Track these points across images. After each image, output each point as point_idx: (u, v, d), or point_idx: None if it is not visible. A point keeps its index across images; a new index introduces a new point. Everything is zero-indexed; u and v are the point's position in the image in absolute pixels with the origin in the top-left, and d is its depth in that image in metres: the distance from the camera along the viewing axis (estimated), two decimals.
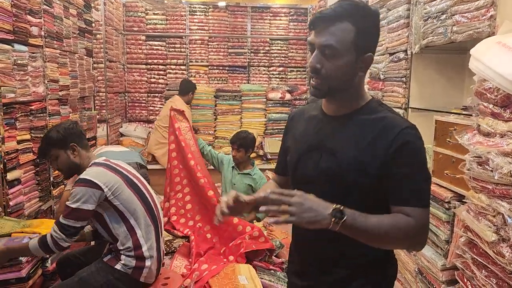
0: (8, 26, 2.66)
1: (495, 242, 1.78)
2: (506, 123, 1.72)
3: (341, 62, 1.12)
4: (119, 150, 3.33)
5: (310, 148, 1.24)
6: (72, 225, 1.98)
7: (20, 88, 2.84)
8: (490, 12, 2.01)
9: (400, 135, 1.12)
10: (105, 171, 2.10)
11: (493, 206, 1.79)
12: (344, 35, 1.11)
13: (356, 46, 1.13)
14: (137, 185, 2.22)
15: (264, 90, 6.19)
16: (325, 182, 1.19)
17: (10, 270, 2.03)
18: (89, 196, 1.98)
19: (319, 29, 1.13)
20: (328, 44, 1.11)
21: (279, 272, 3.04)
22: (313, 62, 1.13)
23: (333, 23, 1.11)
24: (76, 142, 2.17)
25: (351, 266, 1.23)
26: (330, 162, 1.17)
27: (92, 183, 2.00)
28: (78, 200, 1.97)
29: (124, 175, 2.17)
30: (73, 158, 2.17)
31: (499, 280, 1.78)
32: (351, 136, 1.17)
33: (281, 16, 6.50)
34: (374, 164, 1.13)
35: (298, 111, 1.40)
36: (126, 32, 6.24)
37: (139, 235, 2.11)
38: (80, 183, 2.01)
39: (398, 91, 3.10)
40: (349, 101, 1.21)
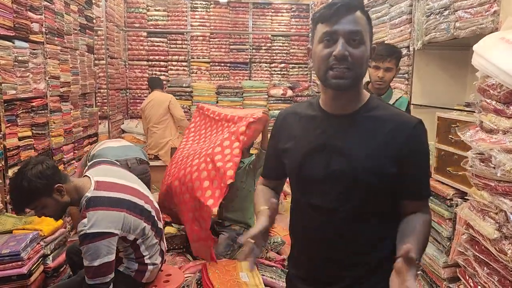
0: (8, 23, 2.66)
1: (497, 240, 1.77)
2: (509, 119, 1.70)
3: (364, 49, 1.11)
4: (119, 145, 3.27)
5: (316, 149, 1.19)
6: (103, 282, 1.86)
7: (21, 85, 2.84)
8: (493, 7, 2.00)
9: (413, 132, 1.14)
10: (108, 213, 1.89)
11: (496, 203, 1.78)
12: (363, 23, 1.12)
13: (369, 35, 1.14)
14: (137, 204, 2.07)
15: (266, 87, 6.18)
16: (335, 183, 1.16)
17: (11, 267, 2.03)
18: (107, 247, 1.84)
19: (340, 18, 1.10)
20: (356, 30, 1.10)
21: (280, 269, 3.05)
22: (342, 50, 1.08)
23: (353, 12, 1.11)
24: (59, 181, 1.91)
25: (363, 267, 1.21)
26: (341, 162, 1.14)
27: (104, 234, 1.84)
28: (98, 256, 1.82)
29: (125, 202, 1.99)
30: (62, 199, 1.93)
31: (501, 278, 1.78)
32: (361, 135, 1.15)
33: (283, 13, 6.48)
34: (388, 164, 1.12)
35: (290, 111, 1.33)
36: (127, 28, 6.23)
37: (142, 250, 2.08)
38: (91, 239, 1.82)
39: (400, 87, 3.09)
40: (355, 98, 1.19)
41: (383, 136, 1.13)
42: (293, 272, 1.35)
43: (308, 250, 1.27)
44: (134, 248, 2.07)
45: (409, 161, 1.14)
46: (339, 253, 1.20)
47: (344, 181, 1.14)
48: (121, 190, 2.04)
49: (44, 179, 1.85)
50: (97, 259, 1.82)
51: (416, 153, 1.15)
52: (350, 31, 1.09)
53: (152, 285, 2.16)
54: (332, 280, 1.22)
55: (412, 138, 1.14)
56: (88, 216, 1.84)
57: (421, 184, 1.19)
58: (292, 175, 1.26)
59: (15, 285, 2.05)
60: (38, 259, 2.21)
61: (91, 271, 1.83)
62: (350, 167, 1.13)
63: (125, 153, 3.14)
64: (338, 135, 1.17)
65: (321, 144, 1.18)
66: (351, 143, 1.14)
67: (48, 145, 3.28)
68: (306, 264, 1.28)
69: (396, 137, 1.12)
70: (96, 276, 1.84)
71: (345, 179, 1.13)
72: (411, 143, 1.13)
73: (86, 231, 1.81)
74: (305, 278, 1.28)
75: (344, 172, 1.13)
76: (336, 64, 1.09)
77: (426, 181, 1.20)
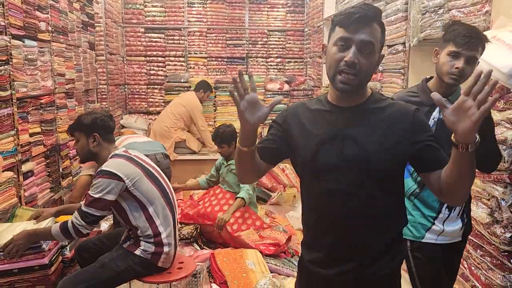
0: (19, 22, 2.74)
1: (489, 223, 1.91)
2: (500, 112, 1.84)
3: (373, 59, 1.25)
4: (144, 140, 3.46)
5: (329, 138, 1.29)
6: (94, 214, 2.07)
7: (31, 83, 2.92)
8: (485, 7, 2.12)
9: (414, 116, 1.27)
10: (126, 162, 2.18)
11: (488, 190, 1.92)
12: (377, 35, 1.24)
13: (380, 45, 1.27)
14: (156, 176, 2.30)
15: (263, 81, 6.27)
16: (348, 168, 1.26)
17: (34, 257, 2.13)
18: (112, 187, 2.07)
19: (357, 27, 1.21)
20: (369, 41, 1.21)
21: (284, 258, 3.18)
22: (353, 57, 1.20)
23: (369, 23, 1.22)
24: (99, 133, 2.23)
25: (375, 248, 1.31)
26: (355, 149, 1.26)
27: (114, 175, 2.09)
28: (101, 190, 2.06)
29: (143, 166, 2.25)
30: (92, 146, 2.24)
31: (493, 258, 1.92)
32: (370, 124, 1.27)
33: (279, 8, 6.57)
34: (399, 147, 1.25)
35: (300, 104, 1.43)
36: (125, 24, 6.28)
37: (158, 224, 2.21)
38: (102, 174, 2.09)
39: (397, 82, 3.21)
40: (360, 94, 1.32)
41: (389, 122, 1.27)
42: (307, 258, 1.41)
43: (323, 235, 1.34)
44: (148, 218, 2.19)
45: (422, 145, 1.25)
46: (354, 235, 1.30)
47: (358, 166, 1.25)
48: (144, 161, 2.32)
49: (92, 122, 2.23)
50: (99, 193, 2.07)
51: (423, 132, 1.27)
52: (363, 41, 1.21)
53: (167, 271, 2.28)
54: (345, 261, 1.31)
55: (415, 120, 1.27)
56: (110, 160, 2.18)
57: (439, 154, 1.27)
58: (306, 164, 1.33)
59: (38, 274, 2.15)
60: (57, 250, 2.32)
61: (90, 199, 2.08)
62: (363, 153, 1.25)
63: (154, 148, 3.33)
64: (349, 124, 1.29)
65: (332, 133, 1.29)
66: (361, 131, 1.27)
67: (56, 141, 3.37)
68: (320, 248, 1.36)
69: (401, 122, 1.27)
70: (91, 206, 2.08)
71: (359, 164, 1.25)
72: (415, 124, 1.27)
73: (102, 168, 2.13)
74: (319, 262, 1.36)
75: (358, 157, 1.25)
76: (346, 69, 1.22)
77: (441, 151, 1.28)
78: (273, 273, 2.81)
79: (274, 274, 2.83)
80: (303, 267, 1.45)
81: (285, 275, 2.89)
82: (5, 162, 2.53)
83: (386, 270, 1.33)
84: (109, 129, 2.30)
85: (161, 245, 2.21)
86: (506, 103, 1.80)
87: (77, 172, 3.85)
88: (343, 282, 1.33)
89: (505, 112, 1.79)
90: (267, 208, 4.30)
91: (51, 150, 3.28)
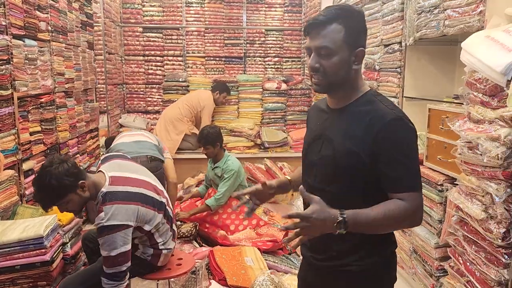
0: (20, 22, 2.76)
1: (484, 220, 1.95)
2: (494, 111, 1.87)
3: (336, 59, 1.28)
4: (131, 140, 3.28)
5: (315, 138, 1.42)
6: (120, 270, 1.99)
7: (31, 82, 2.95)
8: (479, 7, 2.16)
9: (384, 127, 1.24)
10: (124, 206, 2.02)
11: (482, 187, 1.95)
12: (335, 35, 1.27)
13: (347, 44, 1.29)
14: (149, 196, 2.19)
15: (260, 80, 6.29)
16: (324, 166, 1.37)
17: (36, 254, 2.16)
18: (123, 238, 1.98)
19: (313, 34, 1.29)
20: (322, 45, 1.27)
21: (282, 255, 3.22)
22: (312, 63, 1.29)
23: (324, 26, 1.27)
24: (82, 178, 2.03)
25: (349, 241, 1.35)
26: (328, 149, 1.35)
27: (120, 226, 1.98)
28: (116, 247, 1.96)
29: (138, 196, 2.12)
30: (84, 194, 2.04)
31: (488, 254, 1.96)
32: (344, 126, 1.32)
33: (276, 7, 6.60)
34: (364, 152, 1.27)
35: (314, 105, 1.57)
36: (123, 24, 6.30)
37: (156, 237, 2.23)
38: (109, 231, 1.95)
39: (393, 81, 3.25)
40: (348, 94, 1.36)
41: (361, 128, 1.28)
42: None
43: None
44: (149, 236, 2.22)
45: (382, 154, 1.24)
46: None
47: (329, 164, 1.34)
48: (134, 184, 2.17)
49: (71, 177, 1.97)
50: (114, 250, 1.95)
51: (387, 146, 1.24)
52: (317, 46, 1.29)
53: (166, 268, 2.31)
54: (324, 249, 1.42)
55: (382, 132, 1.24)
56: (105, 210, 1.97)
57: (398, 177, 1.24)
58: (302, 159, 1.50)
59: (39, 271, 2.17)
60: (58, 247, 2.34)
61: (109, 260, 1.97)
62: (333, 153, 1.33)
63: (137, 150, 3.17)
64: (331, 125, 1.38)
65: (318, 133, 1.41)
66: (336, 132, 1.34)
67: (55, 140, 3.40)
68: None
69: (370, 129, 1.26)
70: (114, 265, 1.98)
71: (330, 163, 1.34)
72: (381, 137, 1.24)
73: (104, 224, 1.95)
74: (308, 246, 1.50)
75: (329, 157, 1.34)
76: (313, 73, 1.32)
77: (405, 174, 1.24)
78: (271, 270, 2.84)
79: (273, 271, 2.86)
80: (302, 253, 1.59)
81: (283, 272, 2.93)
82: (6, 160, 2.56)
83: (359, 267, 1.37)
84: (79, 167, 2.11)
85: (160, 249, 2.25)
86: (499, 101, 1.83)
87: None
88: (322, 267, 1.44)
89: (498, 110, 1.82)
90: (265, 206, 4.32)
91: (51, 149, 3.31)
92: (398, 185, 1.24)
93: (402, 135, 1.26)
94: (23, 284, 2.16)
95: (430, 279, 2.61)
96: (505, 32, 1.88)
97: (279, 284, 2.58)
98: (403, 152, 1.25)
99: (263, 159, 4.97)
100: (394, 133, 1.25)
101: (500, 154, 1.76)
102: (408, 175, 1.25)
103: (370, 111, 1.30)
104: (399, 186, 1.24)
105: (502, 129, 1.79)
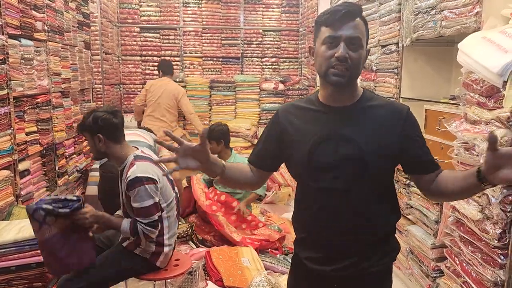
0: (16, 22, 2.75)
1: (480, 220, 1.95)
2: (490, 111, 1.88)
3: (362, 53, 1.29)
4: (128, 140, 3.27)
5: (323, 138, 1.31)
6: (153, 219, 2.10)
7: (27, 82, 2.94)
8: (476, 8, 2.16)
9: (407, 116, 1.32)
10: (154, 166, 2.16)
11: None
12: (362, 30, 1.29)
13: (366, 39, 1.32)
14: (171, 179, 2.34)
15: (258, 81, 6.30)
16: (345, 166, 1.29)
17: (31, 255, 2.14)
18: (154, 190, 2.10)
19: (343, 24, 1.25)
20: (355, 36, 1.26)
21: (278, 255, 3.22)
22: (343, 52, 1.24)
23: (353, 18, 1.27)
24: (103, 133, 2.17)
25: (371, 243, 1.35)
26: (350, 149, 1.29)
27: (151, 180, 2.10)
28: (149, 197, 2.08)
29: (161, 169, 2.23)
30: (99, 146, 2.19)
31: (484, 255, 1.96)
32: (363, 123, 1.31)
33: (274, 8, 6.60)
34: (391, 144, 1.29)
35: (290, 105, 1.44)
36: (120, 24, 6.28)
37: (165, 226, 2.24)
38: (141, 182, 2.07)
39: (390, 82, 3.25)
40: (352, 93, 1.35)
41: (382, 121, 1.31)
42: (303, 255, 1.43)
43: (320, 232, 1.37)
44: (160, 221, 2.20)
45: (411, 141, 1.32)
46: (349, 233, 1.33)
47: (353, 164, 1.28)
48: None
49: (93, 123, 2.17)
50: (145, 201, 2.07)
51: (414, 135, 1.33)
52: (350, 36, 1.25)
53: (163, 269, 2.30)
54: (340, 258, 1.34)
55: (407, 121, 1.32)
56: (137, 164, 2.12)
57: (430, 159, 1.35)
58: (302, 164, 1.35)
59: (35, 272, 2.16)
60: None
61: (141, 212, 2.08)
62: (358, 151, 1.28)
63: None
64: (343, 124, 1.31)
65: (327, 133, 1.31)
66: (355, 130, 1.30)
67: (52, 140, 3.38)
68: (316, 246, 1.38)
69: (393, 120, 1.31)
70: (147, 215, 2.09)
71: (355, 163, 1.28)
72: (407, 128, 1.31)
73: (137, 175, 2.08)
74: (315, 259, 1.38)
75: (353, 156, 1.28)
76: (338, 64, 1.25)
77: (431, 155, 1.36)
78: (268, 271, 2.84)
79: (269, 271, 2.87)
80: (298, 264, 1.46)
81: (280, 273, 2.92)
82: (2, 161, 2.55)
83: (380, 267, 1.37)
84: (113, 128, 2.20)
85: (162, 245, 2.24)
86: (496, 102, 1.84)
87: (73, 171, 3.87)
88: (338, 277, 1.36)
89: (495, 111, 1.82)
90: (262, 207, 4.33)
91: (47, 149, 3.29)
92: (433, 165, 1.35)
93: (418, 123, 1.38)
94: (19, 285, 2.15)
95: (427, 280, 2.61)
96: (501, 33, 1.89)
97: (276, 285, 2.58)
98: (423, 137, 1.37)
99: None
100: (414, 122, 1.35)
101: None
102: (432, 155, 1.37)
103: (382, 105, 1.34)
104: (434, 165, 1.35)
105: (498, 130, 1.79)
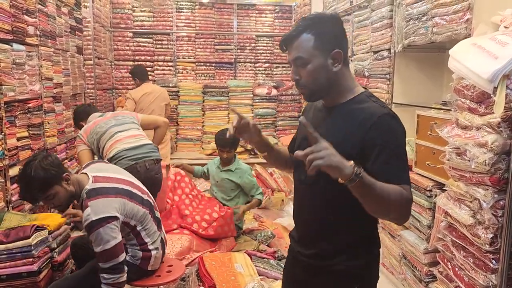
0: (7, 26, 2.73)
1: (472, 225, 1.96)
2: (481, 117, 1.89)
3: (311, 67, 1.32)
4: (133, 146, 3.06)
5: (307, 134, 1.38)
6: (117, 262, 1.98)
7: (19, 87, 2.91)
8: (466, 15, 2.19)
9: (377, 121, 1.26)
10: (108, 200, 2.04)
11: (470, 193, 1.97)
12: (306, 45, 1.31)
13: (319, 50, 1.31)
14: (134, 192, 2.21)
15: (251, 86, 6.32)
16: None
17: (23, 263, 2.12)
18: (113, 229, 1.98)
19: (288, 48, 1.36)
20: (296, 56, 1.33)
21: (272, 260, 3.21)
22: (293, 75, 1.36)
23: (294, 39, 1.33)
24: (67, 171, 2.08)
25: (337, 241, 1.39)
26: None
27: (108, 218, 1.97)
28: (108, 240, 1.95)
29: (122, 191, 2.14)
30: (69, 188, 2.07)
31: (476, 259, 1.97)
32: (335, 124, 1.36)
33: (266, 14, 6.64)
34: (353, 150, 1.27)
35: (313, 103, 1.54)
36: (113, 29, 6.27)
37: (143, 235, 2.21)
38: (97, 225, 1.95)
39: (382, 87, 3.28)
40: (340, 94, 1.38)
41: (352, 125, 1.31)
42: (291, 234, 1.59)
43: (299, 217, 1.55)
44: (135, 235, 2.19)
45: (374, 148, 1.25)
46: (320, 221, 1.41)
47: None
48: (117, 181, 2.20)
49: (56, 167, 2.03)
50: (107, 243, 1.95)
51: (379, 139, 1.25)
52: (294, 59, 1.34)
53: (156, 274, 2.28)
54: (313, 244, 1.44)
55: (374, 126, 1.26)
56: (90, 205, 1.98)
57: (391, 169, 1.24)
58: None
59: (26, 281, 2.14)
60: (47, 259, 2.30)
61: (103, 255, 1.96)
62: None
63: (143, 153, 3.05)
64: (322, 123, 1.39)
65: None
66: (327, 130, 1.33)
67: (43, 145, 3.35)
68: (298, 228, 1.55)
69: (362, 126, 1.28)
70: (110, 258, 1.97)
71: None
72: (373, 130, 1.26)
73: (92, 219, 1.95)
74: (297, 240, 1.54)
75: None
76: (296, 85, 1.39)
77: (398, 168, 1.26)
78: (261, 276, 2.83)
79: (263, 277, 2.85)
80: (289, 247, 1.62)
81: (273, 278, 2.91)
82: None
83: (347, 267, 1.38)
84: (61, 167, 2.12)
85: (148, 250, 2.23)
86: (486, 108, 1.86)
87: None
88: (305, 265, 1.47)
89: (486, 117, 1.84)
90: (255, 212, 4.32)
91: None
92: (392, 177, 1.23)
93: (393, 128, 1.29)
94: None
95: (420, 285, 2.62)
96: (491, 40, 1.91)
97: None
98: (394, 144, 1.27)
99: (253, 164, 4.96)
100: (385, 126, 1.27)
101: (488, 160, 1.78)
102: (400, 167, 1.27)
103: (363, 109, 1.32)
104: (394, 177, 1.23)
105: (489, 135, 1.80)
